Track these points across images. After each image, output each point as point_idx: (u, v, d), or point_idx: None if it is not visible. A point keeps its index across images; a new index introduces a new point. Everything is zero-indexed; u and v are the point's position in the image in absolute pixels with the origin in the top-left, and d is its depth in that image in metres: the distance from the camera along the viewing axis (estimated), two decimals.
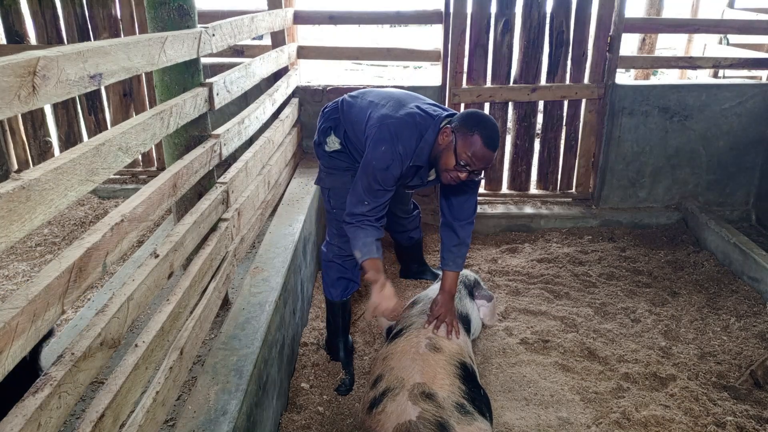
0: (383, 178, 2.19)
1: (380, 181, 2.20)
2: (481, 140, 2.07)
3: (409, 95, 2.41)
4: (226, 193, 2.24)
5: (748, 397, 2.51)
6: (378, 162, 2.18)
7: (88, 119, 4.25)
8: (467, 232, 2.48)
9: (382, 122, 2.22)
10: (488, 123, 2.13)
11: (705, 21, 4.24)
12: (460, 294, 2.69)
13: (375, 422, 1.92)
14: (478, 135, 2.07)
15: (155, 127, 1.64)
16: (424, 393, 1.91)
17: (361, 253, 2.28)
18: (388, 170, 2.18)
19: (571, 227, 4.20)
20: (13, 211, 1.01)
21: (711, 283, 3.48)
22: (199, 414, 1.63)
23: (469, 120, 2.14)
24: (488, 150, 2.09)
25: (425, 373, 2.01)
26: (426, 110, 2.26)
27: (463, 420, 1.87)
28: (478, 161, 2.10)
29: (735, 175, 4.26)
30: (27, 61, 1.04)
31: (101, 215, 3.89)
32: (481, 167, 2.14)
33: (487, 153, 2.09)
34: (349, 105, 2.46)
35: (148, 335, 1.53)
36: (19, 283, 3.08)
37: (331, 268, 2.66)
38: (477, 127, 2.09)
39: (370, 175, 2.20)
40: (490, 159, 2.12)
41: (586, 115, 4.19)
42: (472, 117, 2.15)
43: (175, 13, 2.05)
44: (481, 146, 2.07)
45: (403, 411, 1.86)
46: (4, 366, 0.98)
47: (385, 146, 2.17)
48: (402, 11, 4.01)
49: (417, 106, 2.28)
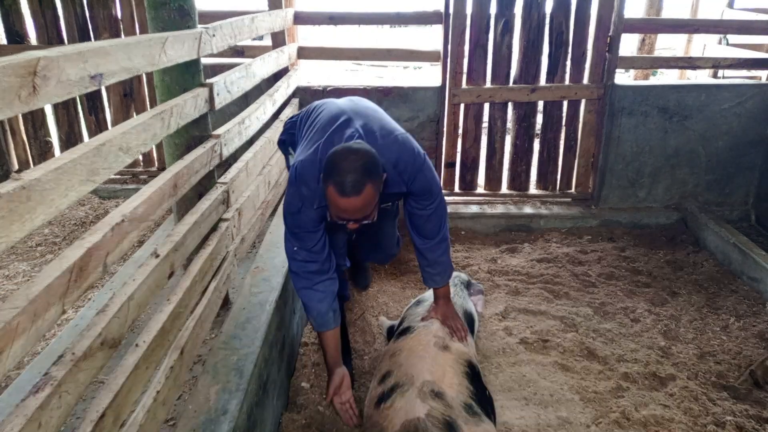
0: (299, 222, 2.03)
1: (298, 224, 2.04)
2: (334, 190, 1.77)
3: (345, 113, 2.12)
4: (226, 193, 2.24)
5: (748, 397, 2.52)
6: (288, 206, 2.04)
7: (89, 119, 4.25)
8: (437, 253, 2.30)
9: (294, 162, 2.06)
10: (342, 167, 1.76)
11: (704, 21, 4.24)
12: (463, 295, 2.69)
13: (383, 417, 1.93)
14: (331, 185, 1.77)
15: (156, 127, 1.64)
16: (434, 391, 1.92)
17: (317, 323, 2.15)
18: (301, 213, 2.01)
19: (571, 227, 4.20)
20: (13, 211, 1.01)
21: (710, 283, 3.48)
22: (199, 413, 1.64)
23: (324, 166, 1.83)
24: (344, 198, 1.76)
25: (434, 371, 2.02)
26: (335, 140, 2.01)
27: (471, 421, 1.87)
28: (345, 212, 1.81)
29: (734, 175, 4.26)
30: (27, 61, 1.04)
31: (102, 215, 3.89)
32: (356, 218, 1.84)
33: (344, 202, 1.77)
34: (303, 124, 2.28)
35: (149, 335, 1.53)
36: (19, 283, 3.08)
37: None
38: (329, 176, 1.78)
39: (287, 219, 2.07)
40: (354, 207, 1.78)
41: (586, 116, 4.19)
42: (328, 161, 1.82)
43: (176, 14, 2.06)
44: (336, 197, 1.77)
45: (412, 408, 1.87)
46: (4, 366, 0.99)
47: (292, 189, 2.02)
48: (402, 12, 4.01)
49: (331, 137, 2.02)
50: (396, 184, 2.08)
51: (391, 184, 2.05)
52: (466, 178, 4.33)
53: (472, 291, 2.86)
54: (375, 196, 1.83)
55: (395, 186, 2.08)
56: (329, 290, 2.15)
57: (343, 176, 1.75)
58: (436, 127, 4.10)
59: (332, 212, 1.87)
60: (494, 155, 4.28)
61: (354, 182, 1.75)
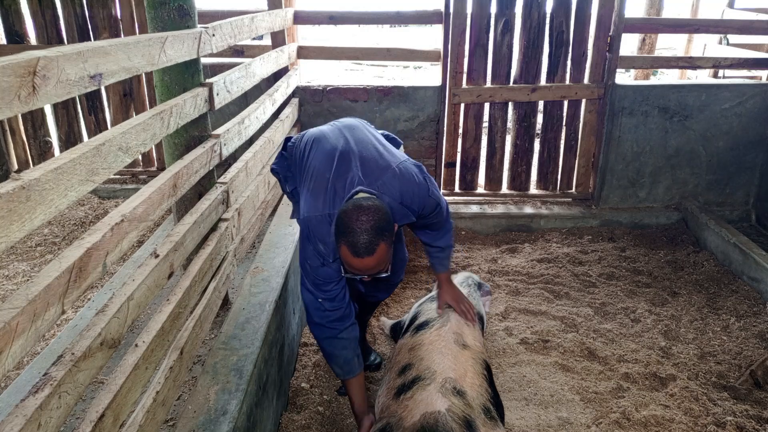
0: (323, 274, 2.01)
1: (322, 276, 2.01)
2: (348, 250, 1.78)
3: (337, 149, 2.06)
4: (226, 193, 2.24)
5: (748, 397, 2.51)
6: (310, 260, 2.00)
7: (88, 119, 4.25)
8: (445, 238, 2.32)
9: (303, 217, 2.02)
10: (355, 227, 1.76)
11: (705, 21, 4.24)
12: (476, 296, 2.67)
13: (402, 408, 1.93)
14: (343, 245, 1.79)
15: (155, 127, 1.64)
16: (455, 389, 1.92)
17: (343, 371, 2.11)
18: (324, 267, 1.99)
19: (571, 227, 4.20)
20: (13, 211, 1.01)
21: (711, 283, 3.48)
22: (199, 414, 1.63)
23: (336, 225, 1.83)
24: (357, 259, 1.77)
25: (456, 369, 2.02)
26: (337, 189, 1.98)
27: (488, 424, 1.87)
28: (359, 271, 1.82)
29: (735, 175, 4.26)
30: (27, 61, 1.04)
31: (101, 215, 3.89)
32: (369, 274, 1.85)
33: (358, 263, 1.78)
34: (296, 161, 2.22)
35: (149, 335, 1.53)
36: (19, 283, 3.08)
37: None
38: (341, 235, 1.79)
39: (309, 273, 2.03)
40: (368, 266, 1.79)
41: (586, 115, 4.19)
42: (338, 221, 1.82)
43: (175, 13, 2.05)
44: (349, 257, 1.78)
45: (433, 401, 1.87)
46: (4, 366, 0.98)
47: (310, 246, 1.99)
48: (402, 11, 4.01)
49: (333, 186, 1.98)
50: (405, 217, 2.05)
51: (400, 218, 2.03)
52: (467, 178, 4.33)
53: (481, 292, 2.85)
54: (389, 251, 1.84)
55: (404, 218, 2.06)
56: (352, 336, 2.11)
57: (356, 237, 1.75)
58: (436, 126, 4.10)
59: (346, 268, 1.87)
60: (494, 155, 4.28)
61: (367, 243, 1.76)
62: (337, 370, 2.14)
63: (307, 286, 2.06)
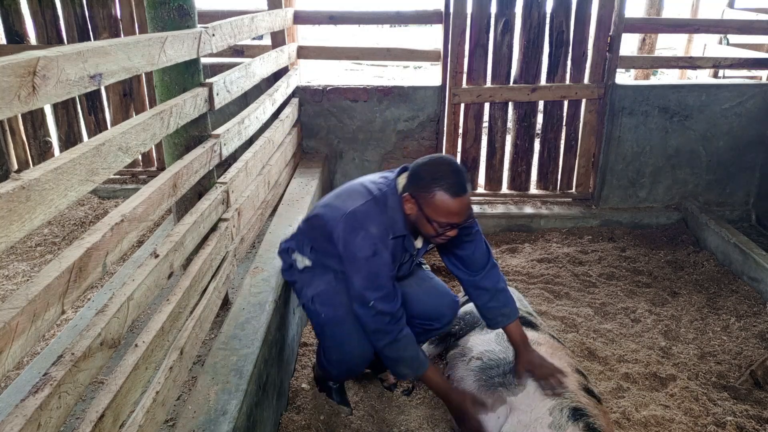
0: (375, 267, 1.96)
1: (375, 272, 1.96)
2: (447, 194, 1.81)
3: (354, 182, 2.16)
4: (226, 193, 2.24)
5: (748, 397, 2.51)
6: (362, 251, 1.94)
7: (88, 119, 4.25)
8: (494, 278, 2.18)
9: (344, 215, 2.00)
10: (444, 170, 1.85)
11: (705, 21, 4.24)
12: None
13: None
14: (439, 191, 1.82)
15: (155, 127, 1.64)
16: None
17: (412, 370, 2.04)
18: (377, 255, 1.95)
19: (571, 227, 4.20)
20: (13, 211, 1.01)
21: (711, 283, 3.48)
22: (199, 414, 1.63)
23: (421, 179, 1.87)
24: (458, 199, 1.82)
25: None
26: (374, 181, 2.08)
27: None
28: (456, 216, 1.85)
29: (735, 175, 4.26)
30: (27, 61, 1.04)
31: (101, 215, 3.89)
32: (464, 219, 1.89)
33: (459, 204, 1.83)
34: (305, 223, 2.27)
35: (148, 335, 1.53)
36: (19, 283, 3.08)
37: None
38: (433, 182, 1.83)
39: (362, 269, 1.96)
40: (466, 206, 1.85)
41: (586, 115, 4.19)
42: (424, 173, 1.88)
43: (175, 13, 2.05)
44: (449, 201, 1.82)
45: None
46: (4, 366, 0.98)
47: (361, 234, 1.95)
48: (402, 11, 4.01)
49: (362, 184, 2.08)
50: None
51: None
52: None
53: None
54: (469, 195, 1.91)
55: None
56: (409, 334, 2.05)
57: (452, 178, 1.83)
58: (436, 126, 4.10)
59: (438, 222, 1.87)
60: (494, 155, 4.28)
61: (462, 179, 1.84)
62: (405, 372, 2.06)
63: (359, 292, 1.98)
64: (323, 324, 2.15)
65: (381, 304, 1.97)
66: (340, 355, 2.16)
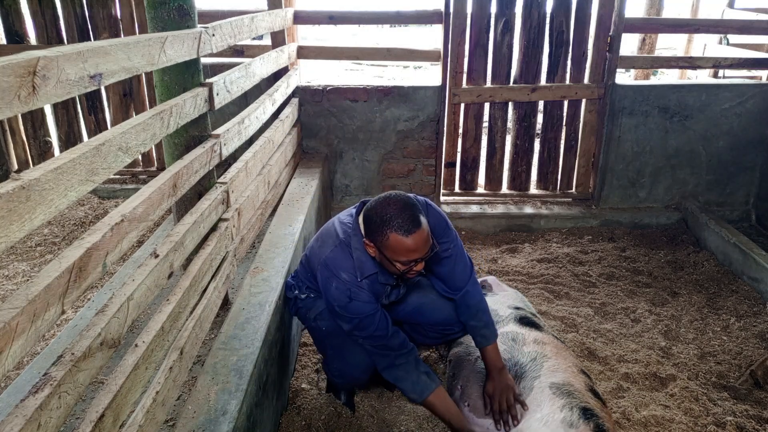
0: (354, 311, 1.99)
1: (355, 313, 1.99)
2: (399, 234, 1.81)
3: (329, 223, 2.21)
4: (226, 193, 2.24)
5: (748, 397, 2.51)
6: (337, 300, 1.99)
7: (88, 119, 4.25)
8: (477, 297, 2.20)
9: (320, 264, 2.06)
10: (391, 210, 1.83)
11: (705, 21, 4.24)
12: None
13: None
14: (392, 232, 1.81)
15: (155, 127, 1.64)
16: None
17: (416, 394, 2.03)
18: (353, 300, 1.98)
19: (571, 227, 4.20)
20: (13, 211, 1.01)
21: (711, 283, 3.48)
22: (199, 414, 1.63)
23: (372, 222, 1.87)
24: (412, 236, 1.80)
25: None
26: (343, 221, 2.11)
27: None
28: (415, 252, 1.84)
29: (735, 175, 4.26)
30: (27, 61, 1.04)
31: (101, 215, 3.89)
32: (426, 252, 1.87)
33: (414, 240, 1.81)
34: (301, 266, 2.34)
35: (148, 335, 1.53)
36: (19, 283, 3.08)
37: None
38: (383, 225, 1.83)
39: (344, 316, 2.01)
40: (423, 240, 1.83)
41: (586, 115, 4.19)
42: (374, 216, 1.87)
43: (175, 13, 2.05)
44: (403, 240, 1.81)
45: None
46: (4, 366, 0.98)
47: (334, 283, 2.00)
48: (402, 11, 4.01)
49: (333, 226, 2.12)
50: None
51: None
52: (467, 178, 4.33)
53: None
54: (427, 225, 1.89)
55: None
56: (410, 358, 2.06)
57: (399, 218, 1.82)
58: (436, 126, 4.10)
59: (400, 262, 1.87)
60: (494, 155, 4.28)
61: (412, 216, 1.82)
62: (412, 397, 2.06)
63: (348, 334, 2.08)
64: (324, 337, 2.27)
65: (370, 342, 2.05)
66: (341, 364, 2.25)
